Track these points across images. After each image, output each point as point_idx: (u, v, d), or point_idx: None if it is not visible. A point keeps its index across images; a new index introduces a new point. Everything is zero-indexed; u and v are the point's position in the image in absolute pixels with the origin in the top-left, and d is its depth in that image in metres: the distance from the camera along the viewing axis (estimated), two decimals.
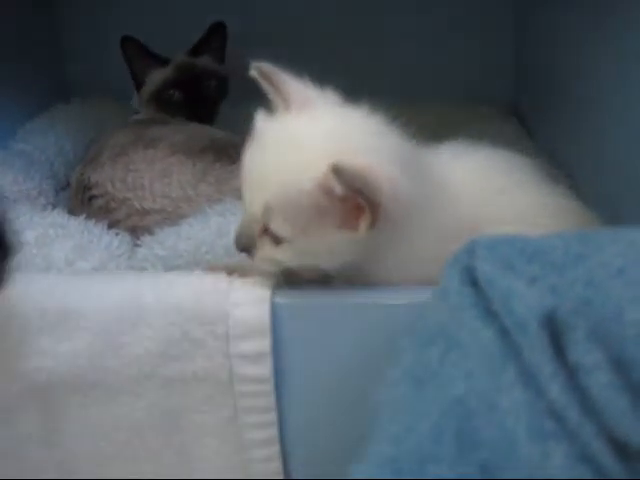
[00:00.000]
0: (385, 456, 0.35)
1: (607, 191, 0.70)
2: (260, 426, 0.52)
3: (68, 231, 0.66)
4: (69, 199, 0.81)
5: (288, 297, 0.51)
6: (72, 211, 0.76)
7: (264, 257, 0.49)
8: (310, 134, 0.48)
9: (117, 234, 0.69)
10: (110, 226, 0.70)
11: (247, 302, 0.50)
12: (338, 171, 0.43)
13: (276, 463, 0.53)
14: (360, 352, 0.50)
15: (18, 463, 0.54)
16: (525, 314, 0.32)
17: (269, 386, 0.51)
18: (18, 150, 0.88)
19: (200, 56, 0.96)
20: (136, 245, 0.68)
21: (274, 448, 0.53)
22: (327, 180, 0.44)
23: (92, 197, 0.75)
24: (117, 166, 0.75)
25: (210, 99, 0.95)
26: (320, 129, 0.48)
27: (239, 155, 0.51)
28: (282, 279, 0.53)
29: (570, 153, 0.82)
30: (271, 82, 0.49)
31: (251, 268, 0.54)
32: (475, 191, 0.53)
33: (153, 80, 0.94)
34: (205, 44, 0.97)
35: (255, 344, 0.50)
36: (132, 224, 0.72)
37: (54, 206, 0.80)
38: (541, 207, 0.56)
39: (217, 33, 0.97)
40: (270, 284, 0.52)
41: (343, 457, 0.40)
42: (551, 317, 0.32)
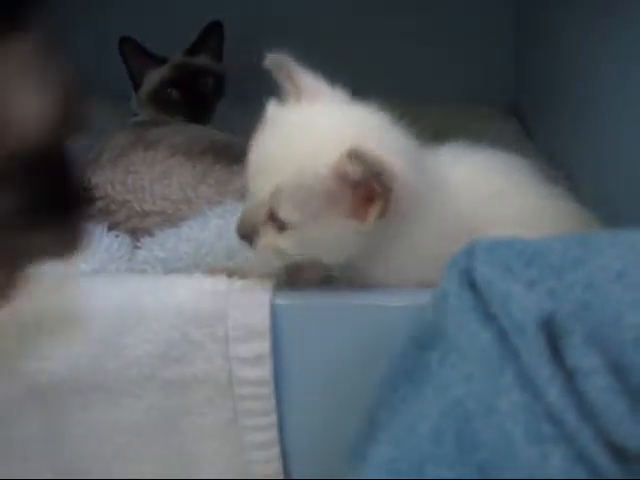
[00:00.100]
0: (384, 457, 0.36)
1: (607, 192, 0.69)
2: (260, 428, 0.52)
3: None
4: None
5: (288, 299, 0.51)
6: None
7: (266, 245, 0.49)
8: (324, 122, 0.49)
9: (117, 236, 0.68)
10: (110, 228, 0.70)
11: (246, 304, 0.50)
12: (355, 155, 0.44)
13: (276, 465, 0.53)
14: (360, 354, 0.50)
15: (19, 465, 0.54)
16: (523, 317, 0.32)
17: (269, 388, 0.50)
18: None
19: (197, 55, 0.97)
20: (136, 247, 0.68)
21: (274, 450, 0.53)
22: (343, 165, 0.45)
23: (92, 199, 0.75)
24: (117, 168, 0.75)
25: (207, 97, 0.95)
26: (334, 118, 0.49)
27: (239, 157, 0.51)
28: (282, 279, 0.53)
29: (570, 153, 0.82)
30: (285, 73, 0.50)
31: (251, 270, 0.54)
32: (474, 192, 0.53)
33: (150, 80, 0.94)
34: (202, 43, 0.97)
35: (255, 346, 0.50)
36: (132, 226, 0.72)
37: None
38: (540, 209, 0.56)
39: (214, 32, 0.97)
40: (270, 286, 0.52)
41: (343, 458, 0.40)
42: (549, 320, 0.32)
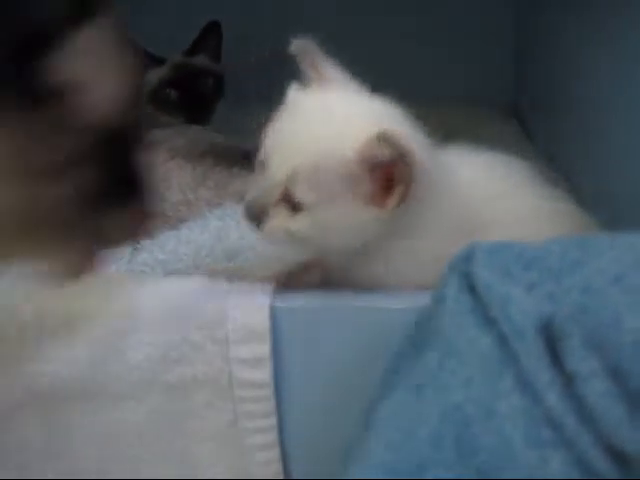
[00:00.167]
0: (383, 460, 0.36)
1: (607, 194, 0.69)
2: (260, 430, 0.52)
3: None
4: None
5: (287, 301, 0.51)
6: None
7: (275, 227, 0.49)
8: (347, 108, 0.50)
9: None
10: None
11: (246, 306, 0.50)
12: (385, 138, 0.45)
13: (276, 466, 0.53)
14: (360, 356, 0.50)
15: (20, 469, 0.54)
16: (522, 321, 0.32)
17: (269, 390, 0.51)
18: None
19: (196, 55, 0.97)
20: (136, 249, 0.68)
21: (274, 452, 0.53)
22: (370, 147, 0.46)
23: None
24: None
25: (207, 98, 0.95)
26: (356, 105, 0.51)
27: (238, 159, 0.51)
28: (281, 280, 0.53)
29: (570, 155, 0.82)
30: (309, 59, 0.52)
31: (251, 272, 0.54)
32: (475, 194, 0.53)
33: (149, 80, 0.94)
34: (201, 44, 0.97)
35: (255, 348, 0.50)
36: None
37: None
38: (540, 211, 0.56)
39: (212, 32, 0.97)
40: (270, 288, 0.52)
41: (343, 460, 0.40)
42: (548, 324, 0.32)
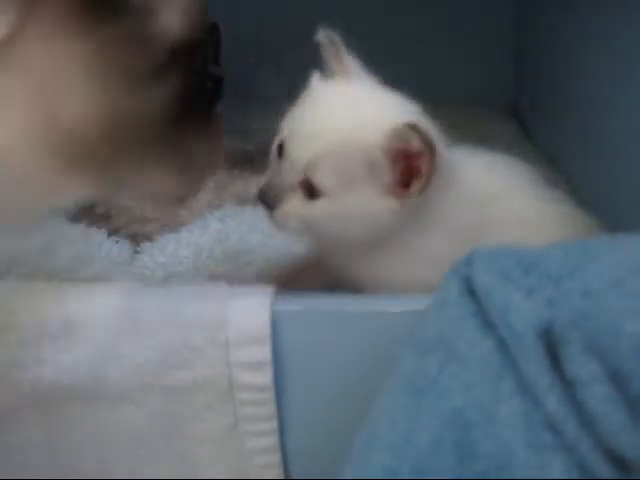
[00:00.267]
0: (383, 466, 0.36)
1: (607, 195, 0.69)
2: (261, 434, 0.52)
3: (68, 239, 0.66)
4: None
5: (288, 304, 0.51)
6: (72, 219, 0.76)
7: (290, 212, 0.50)
8: (371, 98, 0.52)
9: (117, 241, 0.69)
10: (110, 233, 0.71)
11: (247, 310, 0.50)
12: (415, 128, 0.46)
13: (277, 470, 0.53)
14: (361, 359, 0.50)
15: (20, 471, 0.54)
16: (522, 326, 0.32)
17: (270, 394, 0.50)
18: None
19: None
20: (136, 252, 0.68)
21: (275, 455, 0.53)
22: (400, 136, 0.47)
23: (92, 204, 0.75)
24: None
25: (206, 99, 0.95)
26: (379, 97, 0.52)
27: (238, 161, 0.51)
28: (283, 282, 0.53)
29: (570, 156, 0.82)
30: (334, 50, 0.54)
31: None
32: (479, 193, 0.54)
33: None
34: None
35: (255, 352, 0.50)
36: (132, 231, 0.72)
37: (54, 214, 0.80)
38: (542, 212, 0.56)
39: (211, 34, 0.97)
40: (270, 291, 0.52)
41: (344, 464, 0.40)
42: (548, 329, 0.32)
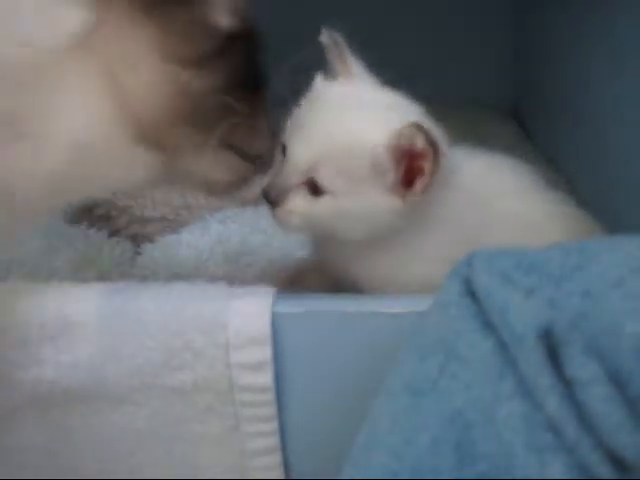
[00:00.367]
0: (384, 467, 0.36)
1: (607, 196, 0.69)
2: (262, 434, 0.52)
3: (69, 240, 0.66)
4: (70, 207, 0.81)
5: (289, 306, 0.51)
6: (73, 220, 0.76)
7: (293, 210, 0.50)
8: (376, 98, 0.53)
9: (118, 242, 0.69)
10: (111, 234, 0.71)
11: (247, 311, 0.50)
12: (419, 128, 0.47)
13: (278, 471, 0.53)
14: (361, 360, 0.50)
15: (20, 472, 0.54)
16: (522, 327, 0.32)
17: (270, 395, 0.50)
18: None
19: None
20: (137, 253, 0.68)
21: (276, 456, 0.53)
22: (404, 135, 0.47)
23: (93, 205, 0.75)
24: None
25: None
26: (384, 97, 0.53)
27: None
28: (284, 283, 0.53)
29: (570, 157, 0.82)
30: (337, 51, 0.55)
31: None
32: (481, 193, 0.54)
33: None
34: None
35: (256, 353, 0.50)
36: (133, 232, 0.72)
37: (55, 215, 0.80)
38: (542, 212, 0.56)
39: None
40: (270, 293, 0.52)
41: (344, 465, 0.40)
42: (548, 330, 0.31)
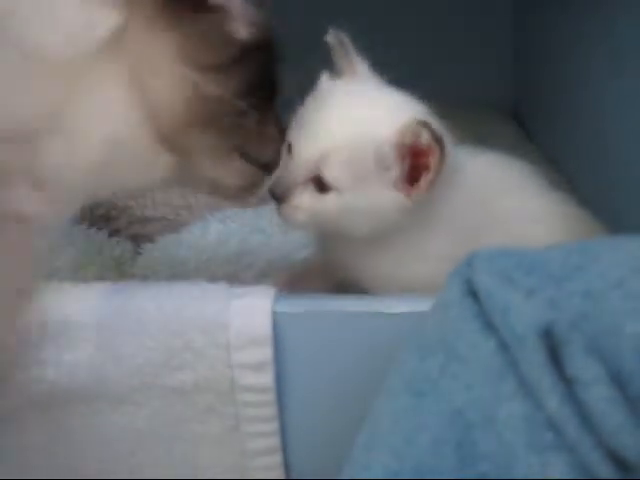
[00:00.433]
0: (384, 467, 0.35)
1: (607, 196, 0.69)
2: (262, 435, 0.52)
3: (70, 240, 0.66)
4: None
5: (290, 305, 0.51)
6: (73, 220, 0.76)
7: (299, 206, 0.51)
8: (381, 96, 0.53)
9: (118, 242, 0.69)
10: (111, 234, 0.71)
11: (248, 311, 0.50)
12: (424, 124, 0.48)
13: (278, 472, 0.53)
14: (362, 360, 0.50)
15: (20, 472, 0.54)
16: (523, 328, 0.32)
17: (271, 395, 0.50)
18: None
19: None
20: (137, 253, 0.68)
21: (276, 456, 0.53)
22: (410, 132, 0.48)
23: (93, 205, 0.75)
24: None
25: None
26: (389, 95, 0.54)
27: None
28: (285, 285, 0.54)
29: (570, 157, 0.82)
30: (343, 50, 0.55)
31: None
32: (482, 193, 0.54)
33: None
34: None
35: (257, 353, 0.50)
36: (133, 232, 0.72)
37: None
38: (545, 212, 0.56)
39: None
40: (271, 293, 0.52)
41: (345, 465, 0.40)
42: (549, 330, 0.31)
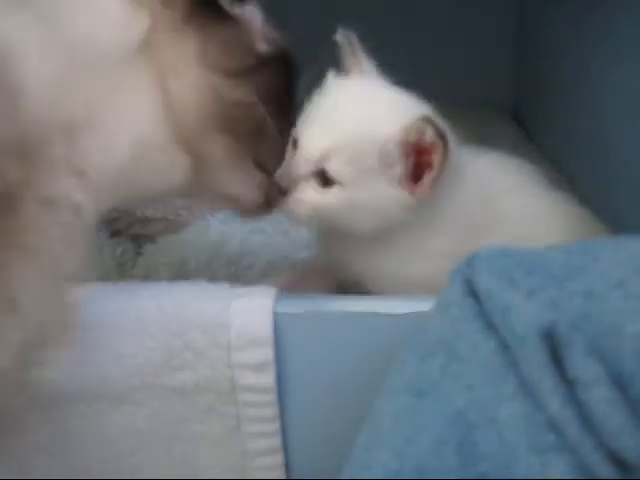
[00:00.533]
0: (385, 468, 0.36)
1: (608, 196, 0.69)
2: (263, 435, 0.52)
3: None
4: None
5: (291, 306, 0.51)
6: None
7: (303, 200, 0.51)
8: (386, 94, 0.54)
9: (119, 242, 0.69)
10: (112, 235, 0.71)
11: (249, 312, 0.50)
12: (429, 121, 0.48)
13: (279, 472, 0.53)
14: (363, 361, 0.50)
15: (21, 472, 0.54)
16: (524, 328, 0.32)
17: (272, 396, 0.50)
18: None
19: None
20: (138, 253, 0.68)
21: (277, 457, 0.53)
22: (414, 128, 0.48)
23: None
24: None
25: None
26: (394, 92, 0.54)
27: None
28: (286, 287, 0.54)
29: (570, 157, 0.82)
30: (351, 49, 0.56)
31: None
32: (485, 192, 0.54)
33: None
34: None
35: (257, 354, 0.50)
36: (134, 232, 0.72)
37: None
38: (547, 211, 0.57)
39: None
40: (272, 293, 0.52)
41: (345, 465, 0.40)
42: (550, 331, 0.31)
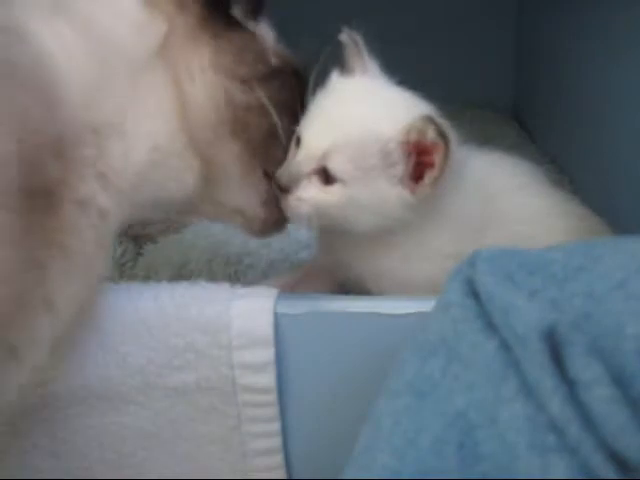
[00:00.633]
0: (386, 468, 0.36)
1: (609, 196, 0.69)
2: (264, 435, 0.52)
3: None
4: None
5: (291, 306, 0.51)
6: None
7: (304, 197, 0.51)
8: (389, 94, 0.54)
9: (120, 243, 0.69)
10: None
11: (250, 312, 0.50)
12: (431, 120, 0.48)
13: (279, 472, 0.53)
14: (363, 361, 0.50)
15: (23, 472, 0.54)
16: (525, 329, 0.32)
17: (273, 396, 0.51)
18: None
19: None
20: (139, 254, 0.68)
21: (278, 457, 0.53)
22: (416, 128, 0.49)
23: None
24: None
25: None
26: (397, 92, 0.55)
27: None
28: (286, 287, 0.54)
29: (571, 157, 0.82)
30: (355, 49, 0.56)
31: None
32: (486, 191, 0.55)
33: None
34: None
35: (258, 354, 0.50)
36: (135, 233, 0.72)
37: None
38: (549, 210, 0.57)
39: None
40: (273, 293, 0.52)
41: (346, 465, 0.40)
42: (551, 331, 0.32)
